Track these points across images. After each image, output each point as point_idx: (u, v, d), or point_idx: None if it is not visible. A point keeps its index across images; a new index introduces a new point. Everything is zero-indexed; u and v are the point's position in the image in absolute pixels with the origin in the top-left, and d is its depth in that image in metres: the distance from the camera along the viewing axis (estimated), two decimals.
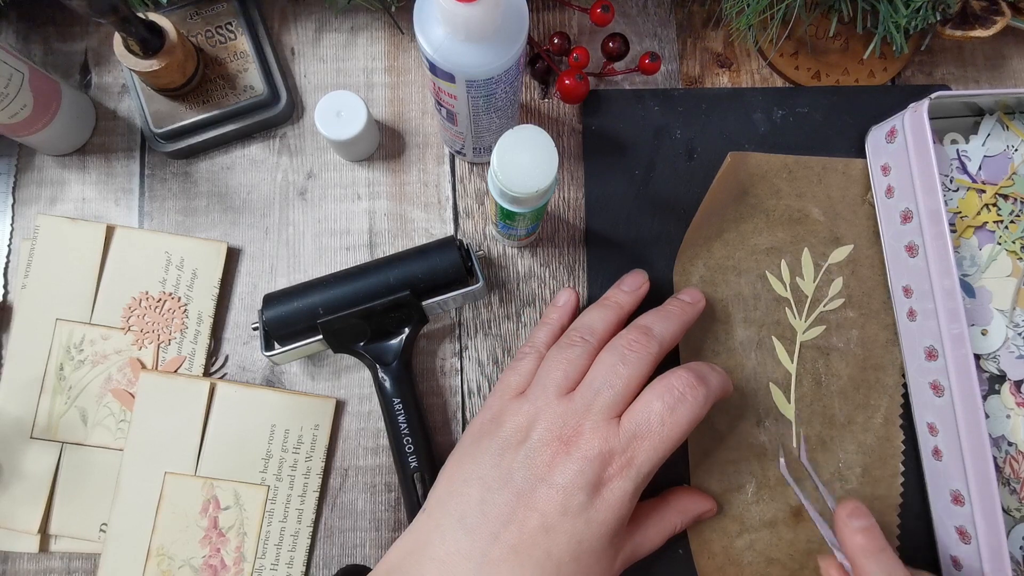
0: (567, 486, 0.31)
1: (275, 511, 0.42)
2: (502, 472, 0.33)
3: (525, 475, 0.32)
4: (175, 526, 0.41)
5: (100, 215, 0.45)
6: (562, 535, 0.31)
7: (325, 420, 0.43)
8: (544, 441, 0.33)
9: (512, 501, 0.32)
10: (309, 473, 0.42)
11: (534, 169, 0.32)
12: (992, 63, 0.47)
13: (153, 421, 0.42)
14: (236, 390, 0.43)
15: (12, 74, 0.38)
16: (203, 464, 0.42)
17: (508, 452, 0.33)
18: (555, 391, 0.34)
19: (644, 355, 0.34)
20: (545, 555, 0.31)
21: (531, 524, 0.31)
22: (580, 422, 0.33)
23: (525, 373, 0.37)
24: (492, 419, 0.35)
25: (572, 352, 0.36)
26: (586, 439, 0.32)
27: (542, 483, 0.32)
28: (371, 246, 0.45)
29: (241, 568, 0.41)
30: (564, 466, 0.32)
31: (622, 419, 0.33)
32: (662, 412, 0.33)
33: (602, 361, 0.35)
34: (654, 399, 0.33)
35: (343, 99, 0.41)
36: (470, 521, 0.32)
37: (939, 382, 0.38)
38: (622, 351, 0.35)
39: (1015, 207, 0.42)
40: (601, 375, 0.34)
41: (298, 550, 0.41)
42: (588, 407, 0.33)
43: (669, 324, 0.37)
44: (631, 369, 0.34)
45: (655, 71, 0.43)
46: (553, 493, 0.31)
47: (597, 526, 0.32)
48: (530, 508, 0.31)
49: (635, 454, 0.32)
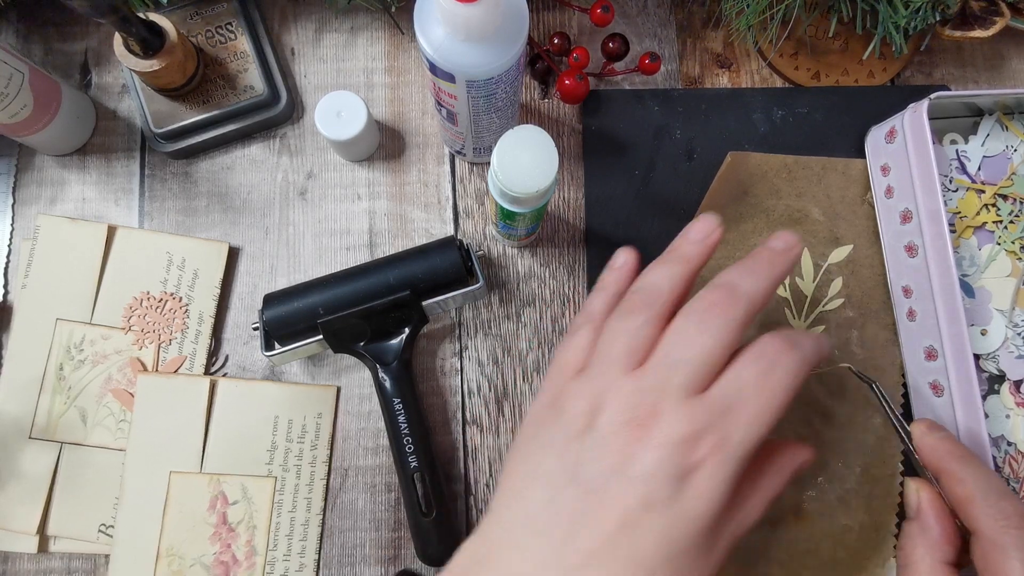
0: (648, 477, 0.27)
1: (284, 502, 0.42)
2: (568, 466, 0.28)
3: (596, 468, 0.28)
4: (183, 525, 0.41)
5: (100, 215, 0.45)
6: (648, 535, 0.26)
7: (327, 408, 0.43)
8: (614, 426, 0.28)
9: (583, 499, 0.27)
10: (315, 461, 0.42)
11: (534, 169, 0.32)
12: (991, 63, 0.47)
13: (154, 422, 0.42)
14: (237, 385, 0.43)
15: (12, 74, 0.38)
16: (208, 461, 0.42)
17: (573, 442, 0.29)
18: (620, 367, 0.29)
19: (728, 320, 0.29)
20: (630, 559, 0.26)
21: (609, 524, 0.27)
22: (657, 401, 0.28)
23: (581, 348, 0.32)
24: (550, 404, 0.31)
25: (635, 320, 0.30)
26: (666, 420, 0.27)
27: (617, 476, 0.27)
28: (371, 246, 0.45)
29: (253, 562, 0.41)
30: (642, 454, 0.27)
31: (708, 393, 0.28)
32: (756, 380, 0.28)
33: (677, 329, 0.29)
34: (744, 368, 0.28)
35: (343, 99, 0.41)
36: (539, 524, 0.28)
37: (939, 382, 0.38)
38: (701, 315, 0.29)
39: (1014, 207, 0.42)
40: (677, 346, 0.29)
41: (309, 539, 0.41)
42: (664, 384, 0.28)
43: (758, 279, 0.30)
44: (713, 338, 0.28)
45: (655, 71, 0.43)
46: (632, 487, 0.27)
47: (690, 521, 0.27)
48: (606, 506, 0.27)
49: (730, 431, 0.27)
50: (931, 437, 0.34)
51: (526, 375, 0.44)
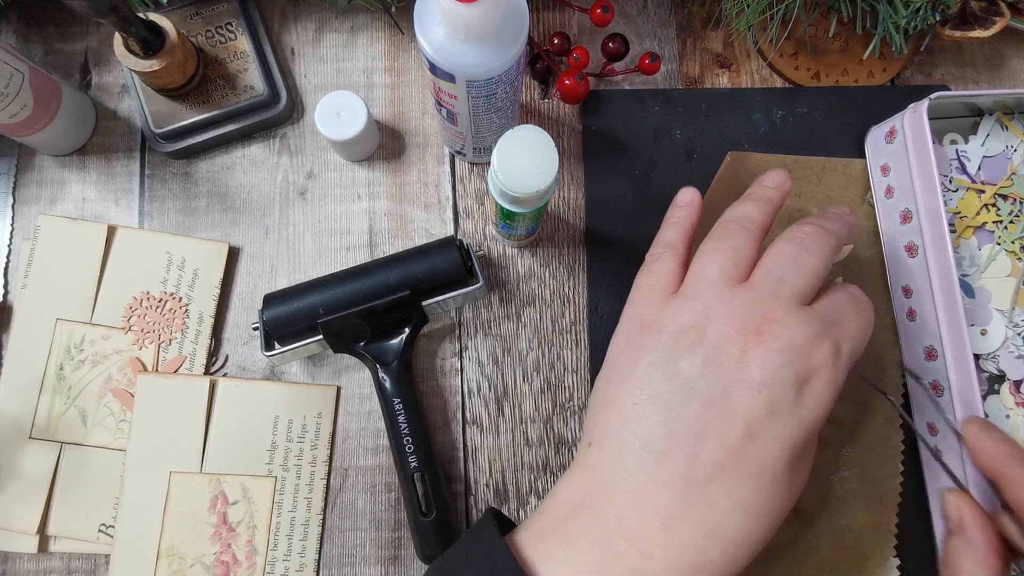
0: (771, 383, 0.27)
1: (284, 501, 0.42)
2: (680, 384, 0.28)
3: (712, 380, 0.27)
4: (184, 525, 0.41)
5: (100, 215, 0.45)
6: (773, 441, 0.26)
7: (327, 408, 0.43)
8: (727, 337, 0.28)
9: (704, 413, 0.27)
10: (315, 461, 0.42)
11: (534, 169, 0.32)
12: (991, 63, 0.47)
13: (154, 422, 0.42)
14: (236, 385, 0.43)
15: (12, 74, 0.38)
16: (208, 461, 0.42)
17: (682, 358, 0.28)
18: (725, 282, 0.29)
19: (825, 245, 0.30)
20: (758, 467, 0.26)
21: (734, 434, 0.26)
22: (768, 310, 0.28)
23: (666, 273, 0.31)
24: (642, 328, 0.30)
25: (737, 239, 0.30)
26: (784, 326, 0.27)
27: (737, 385, 0.27)
28: (371, 246, 0.45)
29: (254, 562, 0.41)
30: (763, 360, 0.27)
31: (814, 306, 0.29)
32: (852, 302, 0.30)
33: (778, 250, 0.30)
34: (836, 291, 0.30)
35: (343, 99, 0.41)
36: (657, 446, 0.27)
37: (939, 382, 0.38)
38: (801, 240, 0.30)
39: (1014, 207, 0.42)
40: (782, 262, 0.29)
41: (309, 539, 0.41)
42: (774, 294, 0.28)
43: (840, 224, 0.32)
44: (815, 258, 0.29)
45: (655, 71, 0.43)
46: (754, 394, 0.27)
47: (809, 425, 0.27)
48: (728, 417, 0.27)
49: (840, 339, 0.28)
50: (987, 439, 0.34)
51: (526, 375, 0.44)
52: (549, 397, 0.43)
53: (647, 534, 0.26)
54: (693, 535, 0.26)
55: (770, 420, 0.26)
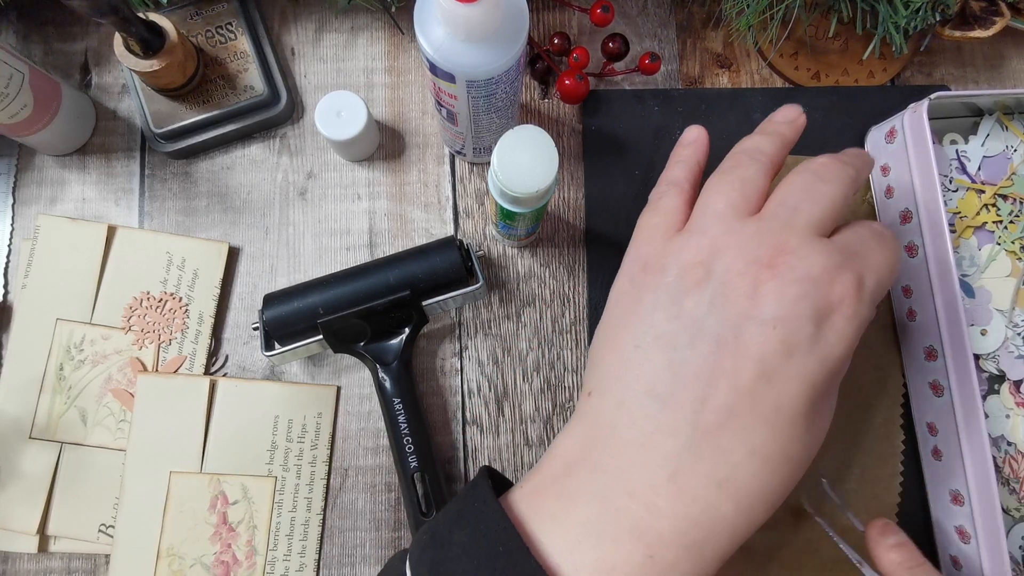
0: (787, 318, 0.24)
1: (284, 502, 0.42)
2: (687, 323, 0.25)
3: (721, 318, 0.25)
4: (184, 525, 0.41)
5: (100, 215, 0.45)
6: (791, 381, 0.24)
7: (327, 408, 0.43)
8: (736, 270, 0.25)
9: (713, 354, 0.25)
10: (315, 461, 0.42)
11: (534, 169, 0.32)
12: (991, 64, 0.47)
13: (154, 422, 0.42)
14: (236, 385, 0.43)
15: (12, 74, 0.38)
16: (208, 461, 0.42)
17: (687, 296, 0.26)
18: (733, 214, 0.27)
19: (842, 175, 0.27)
20: (773, 410, 0.24)
21: (746, 375, 0.24)
22: (782, 240, 0.25)
23: (670, 211, 0.29)
24: (644, 268, 0.28)
25: (746, 170, 0.28)
26: (800, 256, 0.25)
27: (749, 321, 0.24)
28: (371, 246, 0.45)
29: (253, 562, 0.41)
30: (777, 293, 0.24)
31: (833, 238, 0.27)
32: (875, 236, 0.27)
33: (791, 182, 0.27)
34: (857, 224, 0.27)
35: (343, 99, 0.41)
36: (662, 390, 0.25)
37: (939, 382, 0.38)
38: (816, 170, 0.27)
39: (1014, 207, 0.42)
40: (795, 191, 0.27)
41: (309, 539, 0.41)
42: (788, 223, 0.26)
43: (857, 158, 0.29)
44: (832, 186, 0.27)
45: (655, 71, 0.43)
46: (768, 331, 0.24)
47: (830, 364, 0.25)
48: (740, 356, 0.24)
49: (862, 271, 0.25)
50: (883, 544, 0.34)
51: (526, 375, 0.44)
52: (549, 397, 0.43)
53: (652, 486, 0.24)
54: (703, 486, 0.24)
55: (787, 358, 0.24)
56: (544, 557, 0.24)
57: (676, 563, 0.23)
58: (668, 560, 0.23)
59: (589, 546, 0.24)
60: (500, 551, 0.24)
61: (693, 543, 0.24)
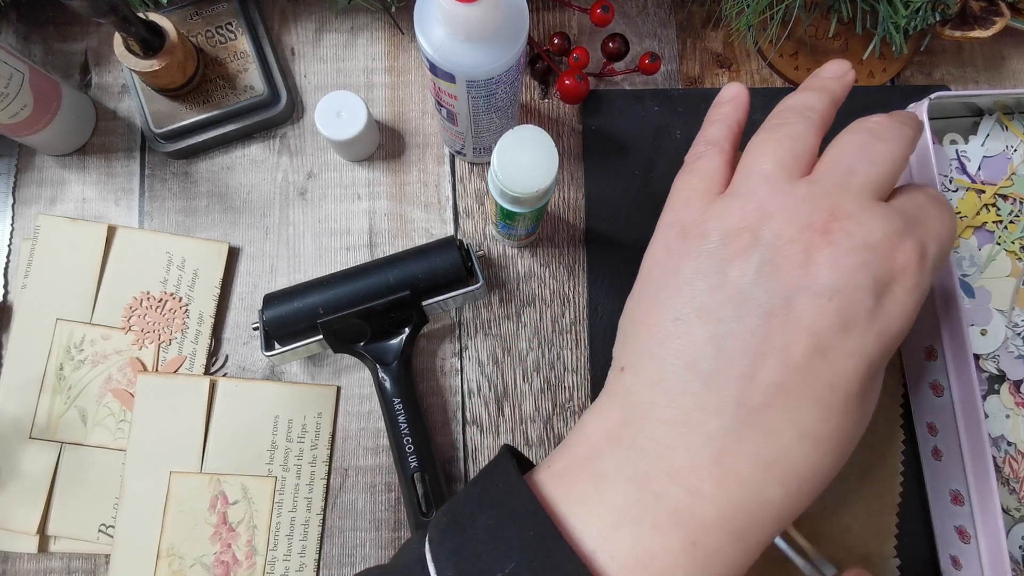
0: (844, 288, 0.22)
1: (284, 502, 0.42)
2: (732, 294, 0.23)
3: (771, 288, 0.23)
4: (184, 525, 0.41)
5: (100, 215, 0.45)
6: (847, 358, 0.22)
7: (327, 408, 0.43)
8: (788, 237, 0.23)
9: (761, 327, 0.23)
10: (315, 461, 0.42)
11: (534, 169, 0.32)
12: (991, 64, 0.47)
13: (154, 422, 0.42)
14: (236, 385, 0.43)
15: (12, 74, 0.38)
16: (208, 461, 0.42)
17: (732, 264, 0.24)
18: (782, 175, 0.25)
19: (902, 135, 0.25)
20: (827, 388, 0.22)
21: (798, 350, 0.22)
22: (838, 204, 0.23)
23: (710, 172, 0.27)
24: (683, 234, 0.26)
25: (795, 127, 0.26)
26: (858, 221, 0.23)
27: (801, 292, 0.22)
28: (371, 246, 0.45)
29: (253, 562, 0.41)
30: (833, 262, 0.22)
31: (892, 202, 0.25)
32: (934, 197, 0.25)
33: (845, 141, 0.25)
34: (913, 189, 0.25)
35: (343, 99, 0.41)
36: (705, 366, 0.23)
37: (939, 382, 0.38)
38: (872, 129, 0.25)
39: (1014, 207, 0.42)
40: (851, 151, 0.25)
41: (309, 539, 0.41)
42: (843, 185, 0.24)
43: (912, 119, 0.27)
44: (892, 147, 0.25)
45: (655, 71, 0.43)
46: (823, 302, 0.22)
47: (889, 339, 0.23)
48: (792, 330, 0.22)
49: (924, 239, 0.24)
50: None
51: (526, 375, 0.44)
52: (549, 397, 0.43)
53: (694, 468, 0.22)
54: (750, 469, 0.22)
55: (843, 333, 0.22)
56: (577, 543, 0.22)
57: (720, 550, 0.22)
58: (712, 547, 0.22)
59: (626, 532, 0.22)
60: (530, 536, 0.22)
61: (738, 529, 0.22)
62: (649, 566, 0.21)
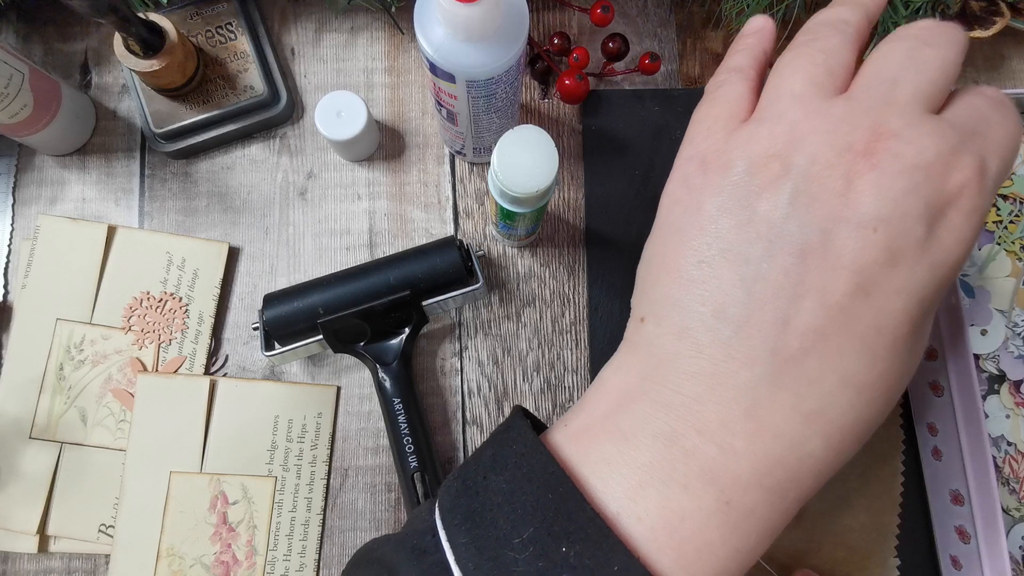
0: (891, 217, 0.19)
1: (284, 502, 0.42)
2: (761, 230, 0.21)
3: (805, 220, 0.20)
4: (184, 525, 0.41)
5: (100, 215, 0.45)
6: (895, 296, 0.20)
7: (327, 408, 0.43)
8: (824, 161, 0.20)
9: (796, 265, 0.20)
10: (315, 461, 0.42)
11: (534, 169, 0.32)
12: (991, 64, 0.47)
13: (154, 422, 0.42)
14: (236, 385, 0.43)
15: (12, 74, 0.38)
16: (208, 461, 0.42)
17: (761, 197, 0.21)
18: (817, 93, 0.22)
19: (953, 39, 0.22)
20: (873, 330, 0.20)
21: (839, 289, 0.20)
22: (881, 120, 0.20)
23: (734, 98, 0.24)
24: (703, 166, 0.23)
25: (828, 41, 0.23)
26: (906, 139, 0.20)
27: (842, 224, 0.20)
28: (371, 246, 0.45)
29: (253, 562, 0.41)
30: (878, 187, 0.20)
31: (944, 115, 0.21)
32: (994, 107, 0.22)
33: (886, 51, 0.22)
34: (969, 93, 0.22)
35: (343, 99, 0.41)
36: (735, 311, 0.21)
37: (938, 382, 0.38)
38: (915, 35, 0.22)
39: (1014, 207, 0.42)
40: (893, 61, 0.21)
41: (309, 539, 0.41)
42: (887, 99, 0.21)
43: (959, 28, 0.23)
44: (943, 51, 0.21)
45: (655, 71, 0.43)
46: (867, 234, 0.20)
47: (944, 272, 0.20)
48: (831, 267, 0.20)
49: (984, 153, 0.20)
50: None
51: (526, 375, 0.44)
52: (549, 397, 0.43)
53: (726, 423, 0.20)
54: (787, 421, 0.20)
55: (890, 268, 0.20)
56: (600, 505, 0.20)
57: (755, 508, 0.20)
58: (746, 505, 0.20)
59: (653, 492, 0.20)
60: (549, 498, 0.20)
61: (775, 485, 0.20)
62: (679, 528, 0.20)
